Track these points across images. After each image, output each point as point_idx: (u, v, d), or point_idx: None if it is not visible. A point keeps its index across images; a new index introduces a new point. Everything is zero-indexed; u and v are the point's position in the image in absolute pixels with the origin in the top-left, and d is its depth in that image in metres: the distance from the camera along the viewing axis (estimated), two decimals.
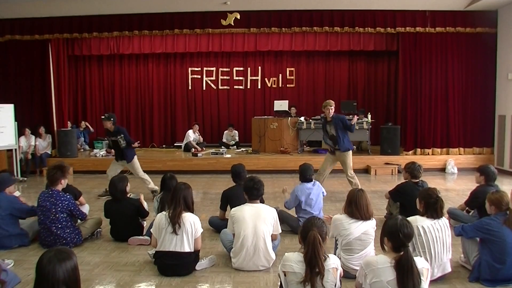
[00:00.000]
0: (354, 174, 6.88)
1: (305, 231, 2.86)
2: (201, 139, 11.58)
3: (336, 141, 6.71)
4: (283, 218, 4.95)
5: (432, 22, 10.06)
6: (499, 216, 3.64)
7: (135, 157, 7.19)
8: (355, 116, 7.26)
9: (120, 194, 4.89)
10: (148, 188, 7.16)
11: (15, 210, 4.72)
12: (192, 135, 11.35)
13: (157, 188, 7.09)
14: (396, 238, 2.75)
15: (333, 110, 6.76)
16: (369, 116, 10.28)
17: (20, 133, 9.60)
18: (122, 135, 6.91)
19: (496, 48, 10.15)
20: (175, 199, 3.92)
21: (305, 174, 5.17)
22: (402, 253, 2.71)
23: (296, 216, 5.19)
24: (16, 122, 9.25)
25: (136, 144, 7.19)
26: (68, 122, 11.04)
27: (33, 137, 9.91)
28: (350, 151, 6.82)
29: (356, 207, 3.71)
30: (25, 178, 9.24)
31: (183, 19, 10.23)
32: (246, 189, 4.19)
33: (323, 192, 5.26)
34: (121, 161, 7.12)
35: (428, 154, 10.29)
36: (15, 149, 9.20)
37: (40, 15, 10.07)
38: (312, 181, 5.19)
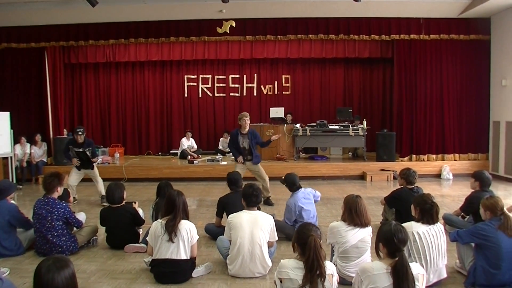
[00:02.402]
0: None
1: (303, 238, 2.87)
2: (195, 146, 11.58)
3: (249, 153, 7.16)
4: (278, 226, 4.94)
5: (427, 30, 10.18)
6: (493, 221, 3.65)
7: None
8: (277, 135, 7.83)
9: (117, 201, 4.89)
10: (98, 192, 7.50)
11: (13, 218, 4.71)
12: (186, 143, 11.36)
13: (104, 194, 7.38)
14: (391, 243, 2.78)
15: (249, 123, 7.20)
16: (365, 122, 10.33)
17: (16, 141, 9.58)
18: (90, 148, 7.32)
19: (489, 54, 10.26)
20: (175, 208, 3.90)
21: (296, 182, 5.19)
22: (397, 258, 2.73)
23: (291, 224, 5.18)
24: (12, 130, 9.22)
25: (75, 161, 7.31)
26: (64, 130, 11.00)
27: (28, 145, 9.90)
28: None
29: (356, 213, 3.71)
30: (21, 186, 9.21)
31: (179, 27, 10.30)
32: (245, 196, 4.20)
33: (315, 195, 5.23)
34: (85, 170, 7.40)
35: (424, 160, 10.36)
36: (11, 157, 9.17)
37: (37, 23, 10.09)
38: (301, 187, 5.20)
